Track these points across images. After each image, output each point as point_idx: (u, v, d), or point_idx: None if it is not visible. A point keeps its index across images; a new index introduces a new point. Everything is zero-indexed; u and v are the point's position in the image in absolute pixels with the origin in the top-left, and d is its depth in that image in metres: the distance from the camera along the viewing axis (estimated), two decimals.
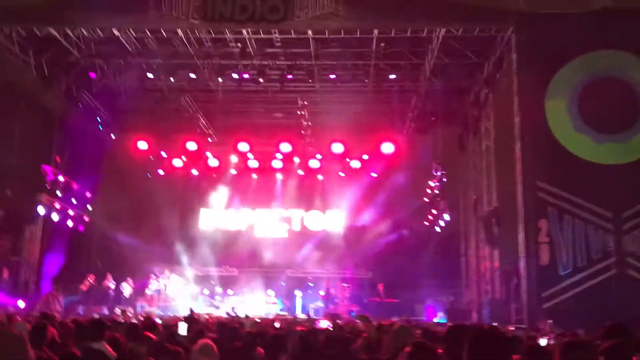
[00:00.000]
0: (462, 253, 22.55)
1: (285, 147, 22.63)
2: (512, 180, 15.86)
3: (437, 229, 21.58)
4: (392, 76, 19.08)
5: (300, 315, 19.16)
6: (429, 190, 21.20)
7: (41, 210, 18.95)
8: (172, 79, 19.25)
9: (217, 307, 20.26)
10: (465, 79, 19.41)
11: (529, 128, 15.44)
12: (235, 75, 18.75)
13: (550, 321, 13.07)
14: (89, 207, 22.14)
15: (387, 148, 21.83)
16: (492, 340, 3.31)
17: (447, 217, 20.33)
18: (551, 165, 15.18)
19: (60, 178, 19.66)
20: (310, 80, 19.49)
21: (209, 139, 23.62)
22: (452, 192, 21.25)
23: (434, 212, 21.35)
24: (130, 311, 17.16)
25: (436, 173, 20.05)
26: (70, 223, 21.06)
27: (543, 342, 7.72)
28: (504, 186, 17.75)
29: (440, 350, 4.09)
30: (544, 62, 15.61)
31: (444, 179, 19.68)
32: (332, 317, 16.30)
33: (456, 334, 4.11)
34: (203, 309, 19.52)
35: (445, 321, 17.27)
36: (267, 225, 24.56)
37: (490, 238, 17.96)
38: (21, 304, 17.42)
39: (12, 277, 19.01)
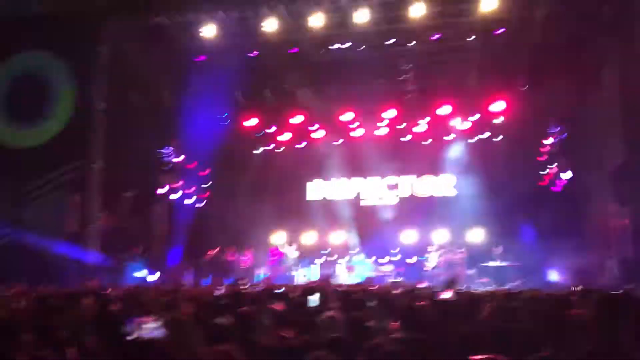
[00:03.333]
0: (586, 211, 21.15)
1: (391, 113, 22.27)
2: None
3: (557, 188, 20.39)
4: (500, 30, 18.09)
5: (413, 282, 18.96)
6: (547, 148, 20.01)
7: (163, 190, 20.11)
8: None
9: (333, 276, 20.58)
10: (583, 26, 17.93)
11: None
12: (336, 45, 18.65)
13: None
14: (206, 185, 23.25)
15: (498, 106, 20.82)
16: None
17: (568, 174, 19.10)
18: None
19: (178, 159, 20.71)
20: (412, 42, 18.94)
21: (313, 111, 23.75)
22: (572, 148, 19.88)
23: (553, 170, 20.15)
24: (252, 282, 17.90)
25: (554, 129, 18.83)
26: (190, 201, 22.28)
27: None
28: (632, 138, 16.38)
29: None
30: None
31: (564, 135, 18.44)
32: (449, 283, 15.92)
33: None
34: (318, 278, 19.93)
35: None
36: (376, 193, 24.45)
37: (619, 194, 16.68)
38: (155, 277, 18.88)
39: (145, 254, 20.57)
